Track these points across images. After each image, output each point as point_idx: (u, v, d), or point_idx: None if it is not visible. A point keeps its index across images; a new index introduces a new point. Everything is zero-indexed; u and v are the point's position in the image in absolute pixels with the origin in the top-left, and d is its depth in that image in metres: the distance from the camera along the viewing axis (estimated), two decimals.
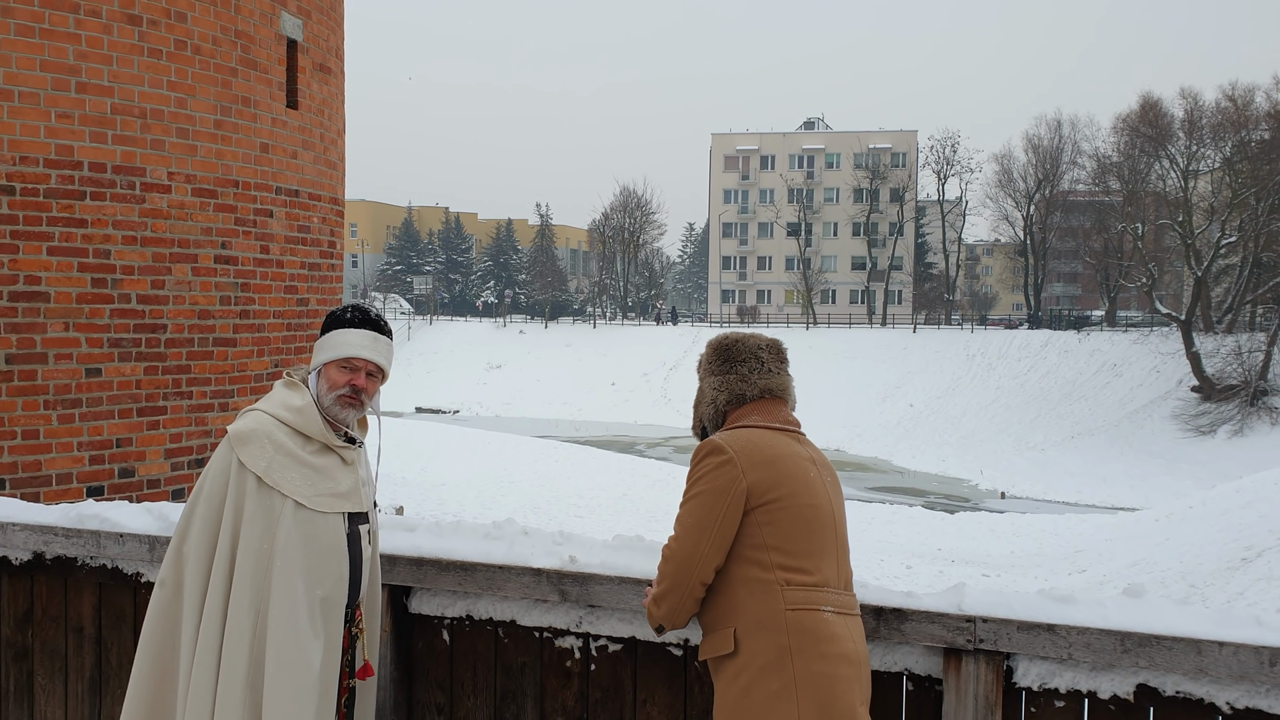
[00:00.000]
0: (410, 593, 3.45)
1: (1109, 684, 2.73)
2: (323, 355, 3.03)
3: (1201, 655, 2.59)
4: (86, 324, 7.77)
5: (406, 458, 27.65)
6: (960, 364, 59.50)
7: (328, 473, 2.93)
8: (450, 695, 3.46)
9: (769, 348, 2.86)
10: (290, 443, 2.88)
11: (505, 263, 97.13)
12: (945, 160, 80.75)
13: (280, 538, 2.83)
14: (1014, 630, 2.75)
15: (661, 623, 2.75)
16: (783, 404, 2.83)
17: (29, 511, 3.89)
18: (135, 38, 7.94)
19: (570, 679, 3.31)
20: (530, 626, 3.33)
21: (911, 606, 2.85)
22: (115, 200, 7.89)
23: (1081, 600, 2.75)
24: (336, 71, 10.57)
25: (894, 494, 36.78)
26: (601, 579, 3.14)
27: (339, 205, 10.69)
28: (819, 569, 2.61)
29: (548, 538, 3.34)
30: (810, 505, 2.64)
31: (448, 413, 56.11)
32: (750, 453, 2.63)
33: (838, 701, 2.52)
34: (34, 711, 3.96)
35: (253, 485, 2.84)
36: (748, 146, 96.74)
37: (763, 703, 2.53)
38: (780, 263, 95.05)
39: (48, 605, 3.92)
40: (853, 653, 2.59)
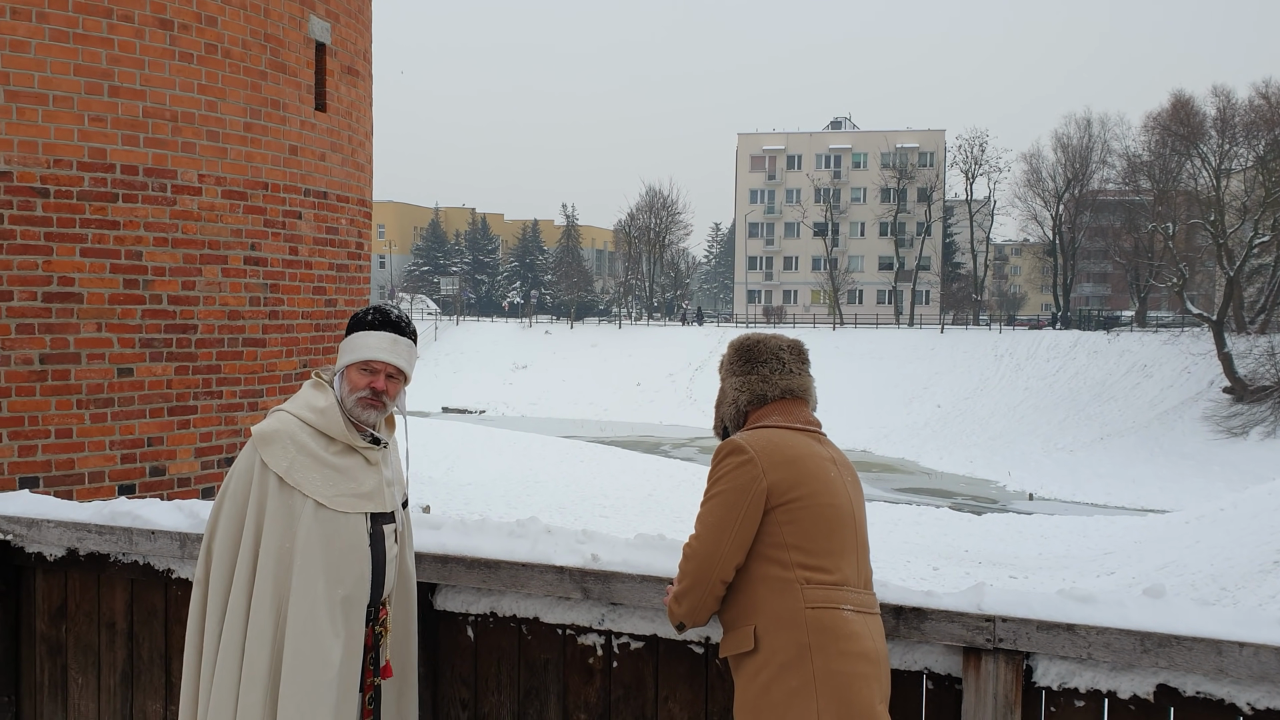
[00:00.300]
0: (435, 590, 3.49)
1: (1129, 684, 2.73)
2: (345, 358, 3.06)
3: (1222, 656, 2.59)
4: (118, 324, 7.88)
5: (433, 457, 27.78)
6: (988, 364, 59.13)
7: (350, 473, 2.96)
8: (474, 691, 3.50)
9: (790, 348, 2.89)
10: (312, 443, 2.93)
11: (531, 263, 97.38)
12: (973, 160, 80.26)
13: (301, 537, 2.87)
14: (1033, 630, 2.76)
15: (683, 620, 2.78)
16: (804, 404, 2.86)
17: (63, 509, 3.97)
18: (167, 42, 8.05)
19: (593, 676, 3.34)
20: (553, 624, 3.37)
21: (931, 606, 2.87)
22: (147, 202, 8.00)
23: (1101, 600, 2.76)
24: (364, 74, 10.66)
25: (921, 495, 36.61)
26: (623, 577, 3.18)
27: (366, 207, 10.79)
28: (839, 568, 2.63)
29: (571, 536, 3.38)
30: (830, 505, 2.66)
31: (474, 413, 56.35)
32: (771, 452, 2.66)
33: (857, 699, 2.54)
34: (67, 705, 4.03)
35: (274, 485, 2.89)
36: (774, 146, 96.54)
37: (782, 700, 2.56)
38: (807, 263, 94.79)
39: (81, 601, 3.99)
40: (872, 651, 2.61)
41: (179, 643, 3.77)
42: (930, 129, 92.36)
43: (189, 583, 3.76)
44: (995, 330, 66.06)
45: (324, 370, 3.11)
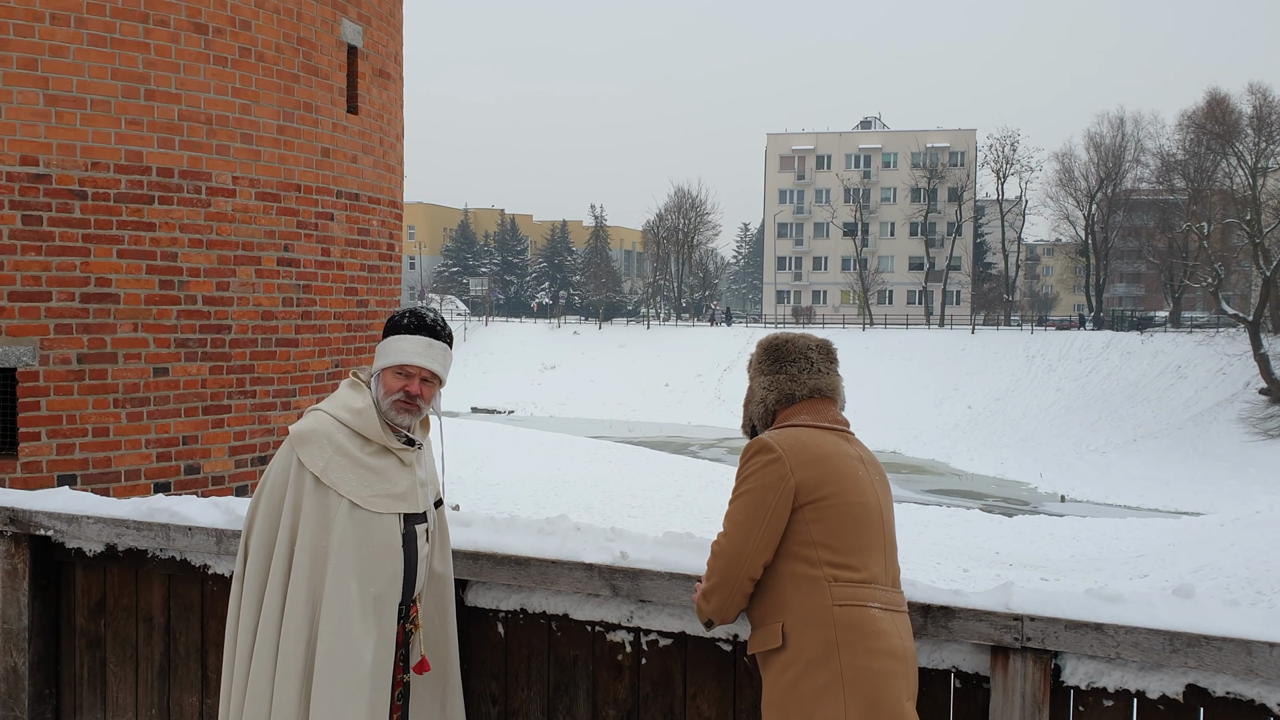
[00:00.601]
0: (466, 586, 3.53)
1: (1158, 684, 2.73)
2: (380, 361, 3.09)
3: (1252, 656, 2.58)
4: (154, 325, 8.00)
5: (462, 457, 27.92)
6: (1020, 365, 58.67)
7: (384, 474, 2.99)
8: (505, 686, 3.54)
9: (819, 348, 2.90)
10: (349, 444, 2.96)
11: (560, 264, 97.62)
12: (1004, 159, 79.66)
13: (335, 536, 2.91)
14: (1061, 629, 2.76)
15: (711, 617, 2.80)
16: (832, 404, 2.87)
17: (102, 505, 4.04)
18: (201, 46, 8.16)
19: (621, 672, 3.37)
20: (582, 620, 3.39)
21: (959, 605, 2.87)
22: (182, 204, 8.11)
23: (1130, 600, 2.76)
24: (395, 77, 10.75)
25: (951, 496, 36.40)
26: (652, 574, 3.20)
27: (398, 208, 10.88)
28: (866, 566, 2.65)
29: (600, 534, 3.41)
30: (858, 503, 2.68)
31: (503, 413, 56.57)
32: (798, 451, 2.68)
33: (884, 696, 2.55)
34: (106, 697, 4.11)
35: (310, 484, 2.93)
36: (803, 146, 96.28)
37: (809, 696, 2.57)
38: (836, 263, 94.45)
39: (119, 595, 4.07)
40: (899, 649, 2.62)
41: (215, 637, 3.83)
42: (961, 128, 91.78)
43: (225, 578, 3.83)
44: (1027, 331, 65.53)
45: (361, 370, 3.14)
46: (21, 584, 4.07)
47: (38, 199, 7.44)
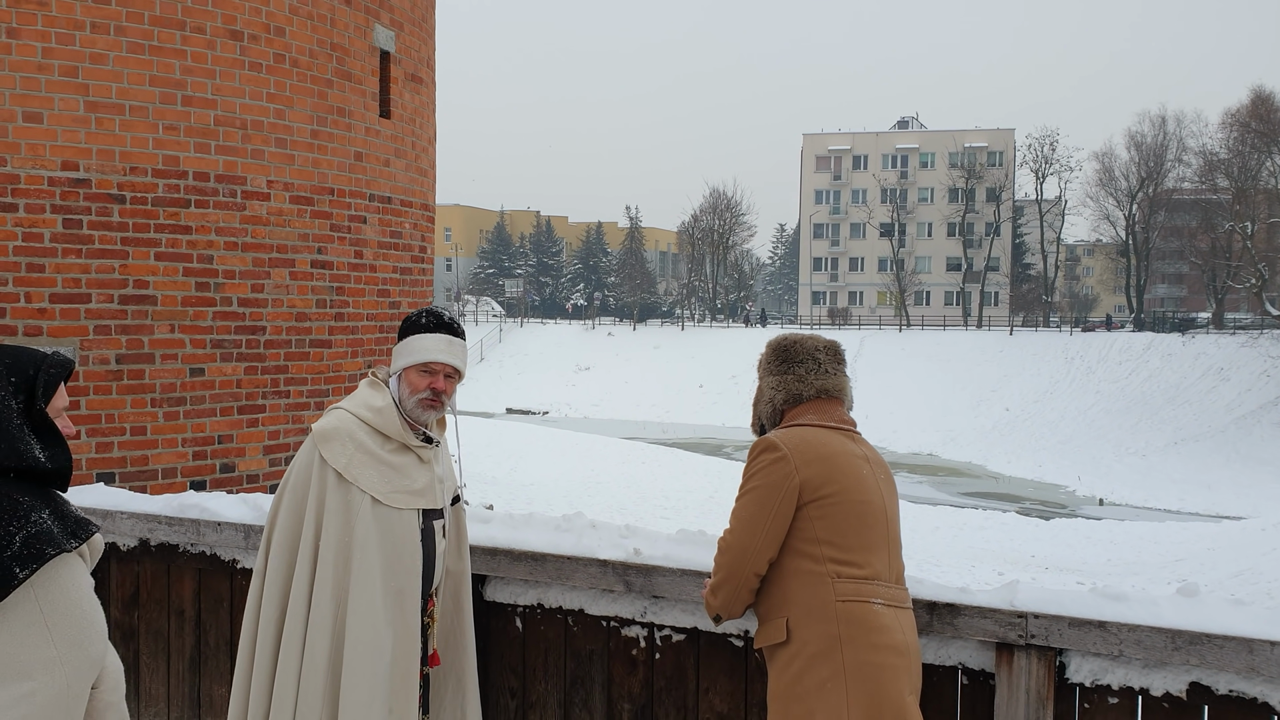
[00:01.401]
0: (485, 581, 3.61)
1: (1161, 681, 2.75)
2: (402, 360, 3.16)
3: (1253, 654, 2.60)
4: (191, 326, 8.17)
5: (496, 457, 28.08)
6: (1058, 367, 58.11)
7: (404, 470, 3.08)
8: (523, 680, 3.61)
9: (826, 349, 2.95)
10: (370, 441, 3.05)
11: (595, 265, 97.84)
12: (1043, 159, 78.89)
13: (359, 531, 2.99)
14: (1065, 626, 2.79)
15: (719, 612, 2.86)
16: (838, 404, 2.92)
17: (135, 501, 4.17)
18: (237, 52, 8.32)
19: (636, 667, 3.43)
20: (598, 615, 3.47)
21: (965, 602, 2.92)
22: (218, 208, 8.27)
23: (1134, 598, 2.79)
24: (427, 81, 10.88)
25: (988, 499, 36.10)
26: (664, 571, 3.26)
27: (430, 211, 11.00)
28: (870, 562, 2.70)
29: (614, 531, 3.48)
30: (862, 501, 2.72)
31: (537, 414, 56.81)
32: (804, 450, 2.73)
33: (886, 690, 2.60)
34: (139, 688, 4.23)
35: (334, 480, 3.01)
36: (840, 146, 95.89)
37: (813, 689, 2.63)
38: (873, 264, 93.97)
39: (152, 589, 4.19)
40: (902, 644, 2.66)
41: None
42: (999, 128, 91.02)
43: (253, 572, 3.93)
44: (1065, 332, 64.87)
45: (379, 370, 3.22)
46: None
47: (78, 203, 7.62)
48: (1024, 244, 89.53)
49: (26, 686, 1.98)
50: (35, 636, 2.02)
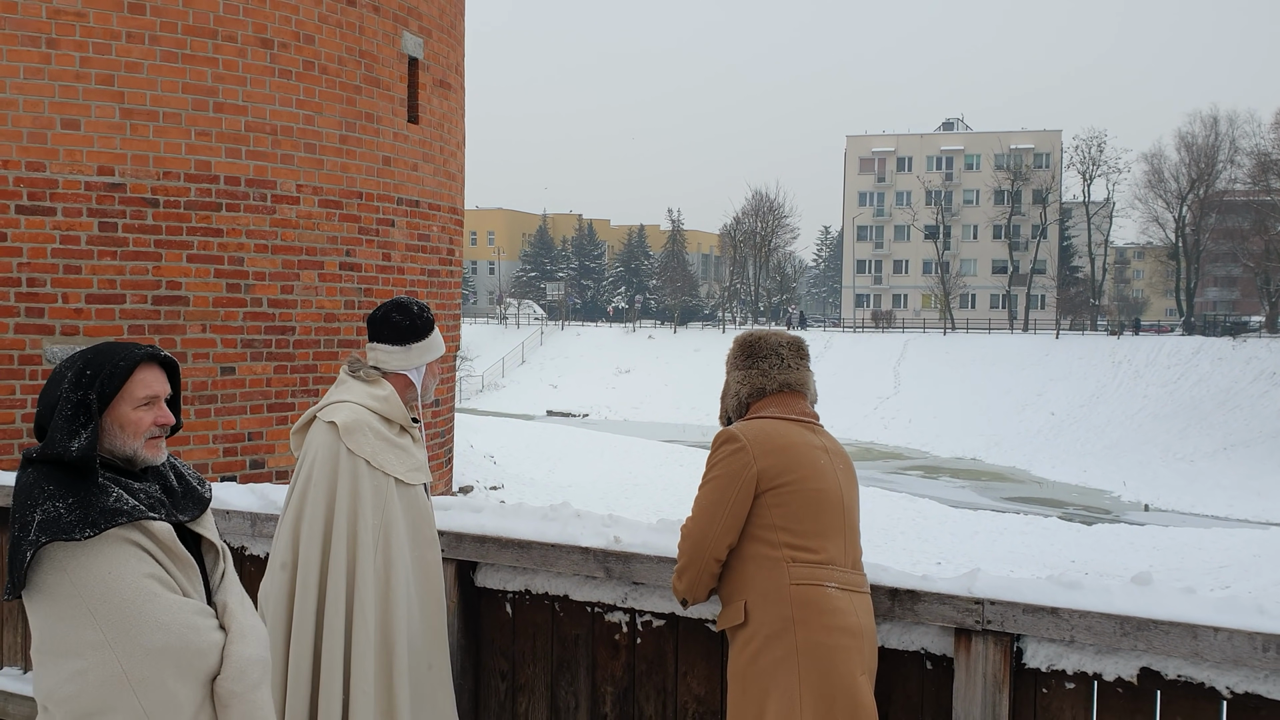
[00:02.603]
0: (476, 568, 3.76)
1: (1113, 666, 2.83)
2: (430, 355, 3.42)
3: (1197, 640, 2.67)
4: (222, 326, 8.42)
5: (535, 459, 28.30)
6: (1105, 371, 57.37)
7: (409, 450, 3.34)
8: (513, 663, 3.75)
9: (789, 345, 3.07)
10: (383, 428, 3.28)
11: (636, 268, 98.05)
12: (1091, 160, 77.88)
13: (391, 512, 3.23)
14: (1019, 612, 2.88)
15: (684, 596, 2.98)
16: (801, 397, 3.03)
17: None
18: (267, 60, 8.56)
19: (619, 651, 3.56)
20: (582, 601, 3.59)
21: (924, 589, 3.01)
22: (248, 211, 8.52)
23: (1087, 586, 2.86)
24: (456, 87, 11.09)
25: (1030, 504, 35.76)
26: (642, 558, 3.38)
27: (458, 215, 11.21)
28: (824, 548, 2.80)
29: (598, 520, 3.60)
30: (818, 490, 2.83)
31: (577, 416, 57.07)
32: (762, 441, 2.85)
33: (837, 669, 2.71)
34: None
35: (364, 470, 3.21)
36: (884, 148, 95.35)
37: (768, 668, 2.74)
38: (917, 266, 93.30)
39: None
40: (855, 626, 2.77)
41: None
42: (1046, 129, 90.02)
43: (260, 559, 4.09)
44: (1113, 336, 64.00)
45: (353, 364, 3.40)
46: None
47: (113, 207, 7.89)
48: (1071, 247, 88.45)
49: (79, 664, 2.11)
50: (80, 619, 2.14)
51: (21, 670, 4.66)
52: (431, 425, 10.45)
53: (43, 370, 7.80)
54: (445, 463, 11.06)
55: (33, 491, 2.17)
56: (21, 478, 2.21)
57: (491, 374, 65.64)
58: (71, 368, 2.25)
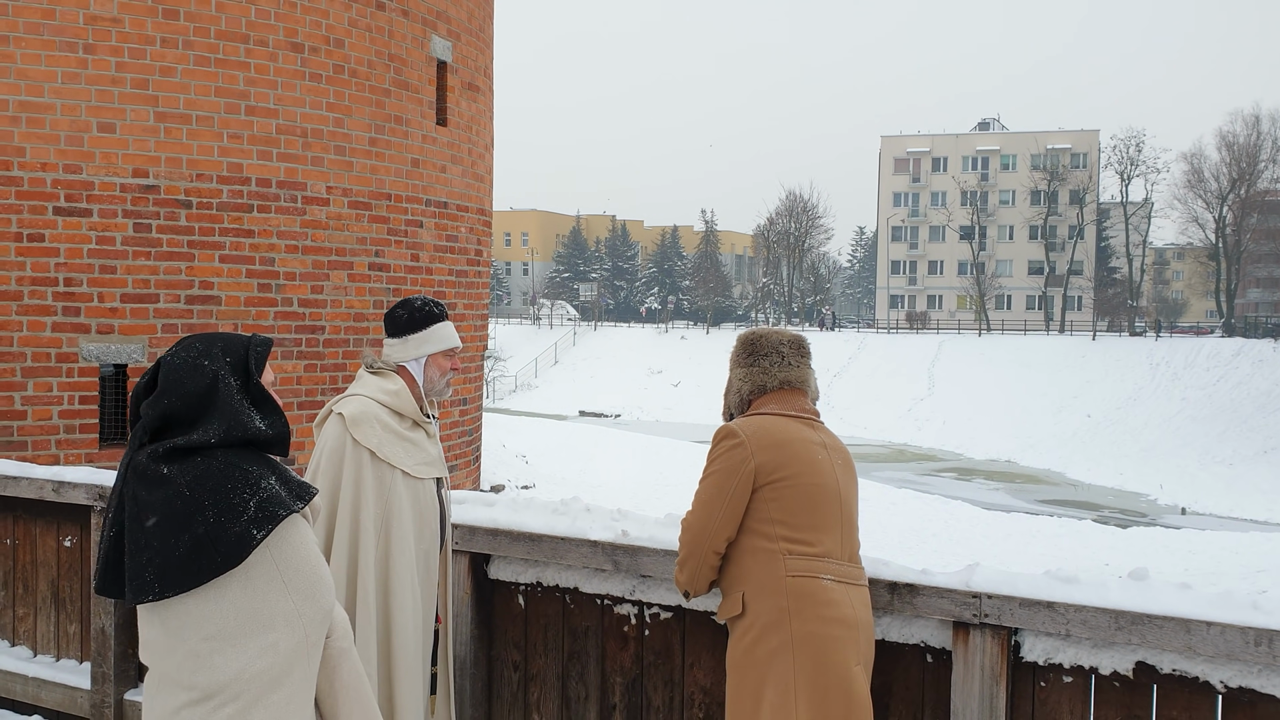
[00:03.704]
0: (489, 560, 3.85)
1: (1109, 660, 2.86)
2: (429, 347, 3.48)
3: (1190, 634, 2.70)
4: (253, 325, 8.57)
5: (567, 458, 28.42)
6: (1143, 373, 56.73)
7: (420, 444, 3.42)
8: (524, 654, 3.84)
9: (790, 343, 3.13)
10: (392, 421, 3.37)
11: (669, 269, 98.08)
12: (1129, 160, 77.00)
13: (394, 503, 3.32)
14: (1016, 606, 2.92)
15: (686, 588, 3.05)
16: (801, 394, 3.09)
17: None
18: (298, 64, 8.71)
19: (627, 643, 3.63)
20: (592, 594, 3.67)
21: (923, 583, 3.05)
22: (279, 212, 8.67)
23: (1084, 581, 2.90)
24: (484, 89, 11.21)
25: (1065, 507, 35.45)
26: (650, 551, 3.45)
27: (486, 216, 11.33)
28: (820, 541, 2.86)
29: (607, 514, 3.68)
30: (815, 484, 2.89)
31: (609, 416, 57.19)
32: (760, 436, 2.91)
33: (831, 659, 2.77)
34: None
35: (368, 460, 3.30)
36: (919, 149, 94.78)
37: (764, 658, 2.81)
38: (952, 267, 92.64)
39: None
40: (850, 617, 2.82)
41: None
42: (1083, 129, 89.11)
43: None
44: (1150, 338, 63.26)
45: (368, 357, 3.50)
46: None
47: (147, 208, 8.07)
48: (1109, 247, 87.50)
49: (271, 638, 2.14)
50: (274, 592, 2.18)
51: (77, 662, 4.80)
52: (458, 424, 10.57)
53: (79, 368, 7.99)
54: (473, 460, 11.17)
55: (233, 473, 2.16)
56: (204, 465, 2.16)
57: (524, 374, 65.92)
58: (211, 356, 2.24)
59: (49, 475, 4.69)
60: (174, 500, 2.09)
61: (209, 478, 2.14)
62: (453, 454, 10.46)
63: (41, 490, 4.66)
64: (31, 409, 7.82)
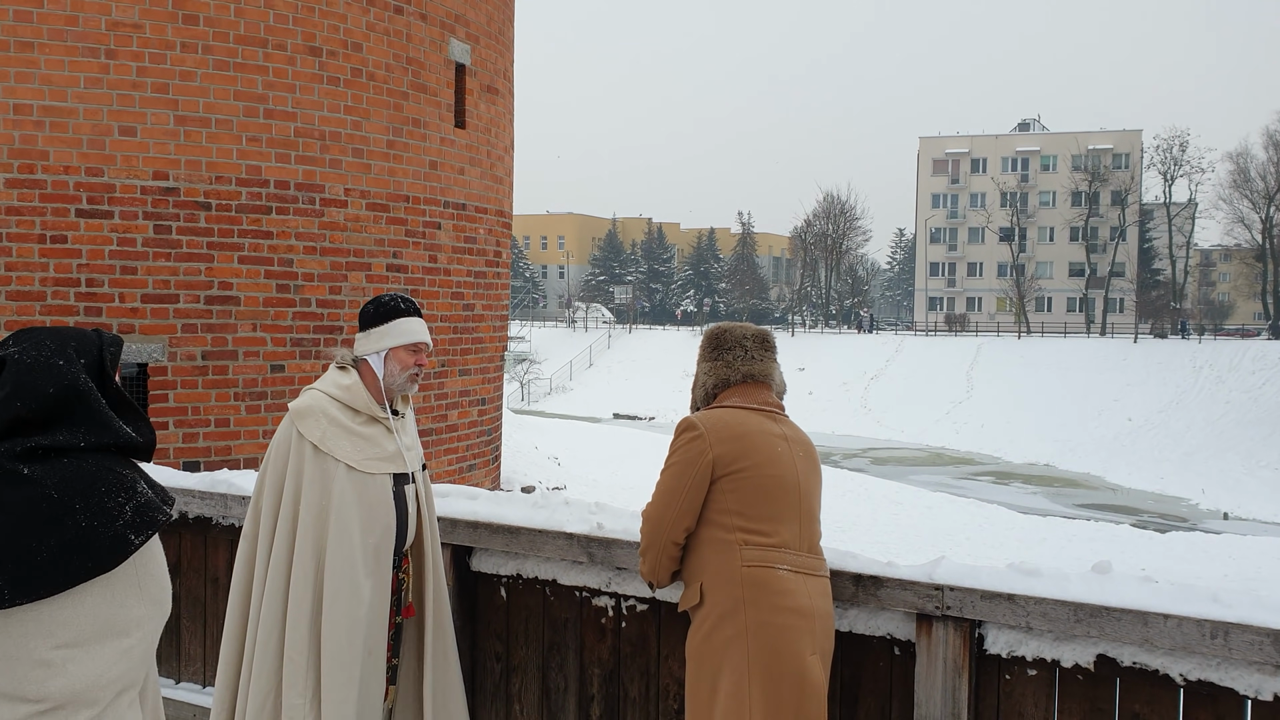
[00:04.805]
0: (471, 553, 3.89)
1: (1071, 653, 2.85)
2: (389, 340, 3.50)
3: (1148, 626, 2.69)
4: (272, 325, 8.70)
5: (599, 460, 28.49)
6: (1185, 376, 55.88)
7: (374, 440, 3.43)
8: (507, 645, 3.88)
9: (754, 337, 3.16)
10: (341, 415, 3.40)
11: (706, 271, 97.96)
12: (1173, 160, 75.89)
13: (336, 495, 3.34)
14: (977, 599, 2.92)
15: (648, 578, 3.08)
16: (765, 388, 3.11)
17: (174, 477, 4.58)
18: (316, 67, 8.84)
19: (605, 634, 3.66)
20: (570, 586, 3.71)
21: (887, 575, 3.06)
22: (297, 214, 8.80)
23: (1046, 574, 2.89)
24: (504, 92, 11.29)
25: (1103, 511, 35.00)
26: (624, 544, 3.48)
27: (505, 217, 11.40)
28: (777, 531, 2.88)
29: (584, 507, 3.71)
30: (773, 475, 2.91)
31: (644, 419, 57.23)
32: (719, 429, 2.94)
33: (785, 649, 2.78)
34: (180, 649, 4.64)
35: (310, 452, 3.36)
36: (958, 149, 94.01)
37: (720, 647, 2.83)
38: (992, 269, 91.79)
39: (191, 558, 4.59)
40: (806, 607, 2.84)
41: None
42: (1125, 129, 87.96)
43: None
44: (1194, 340, 62.27)
45: (337, 353, 3.55)
46: None
47: (167, 210, 8.22)
48: (1152, 249, 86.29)
49: (126, 643, 2.11)
50: (131, 598, 2.18)
51: None
52: (477, 423, 10.66)
53: None
54: (492, 460, 11.26)
55: (107, 476, 2.11)
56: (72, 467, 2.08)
57: (559, 377, 66.13)
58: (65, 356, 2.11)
59: None
60: (38, 502, 2.00)
61: (79, 480, 2.05)
62: (472, 453, 10.55)
63: None
64: None
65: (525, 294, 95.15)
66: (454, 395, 10.10)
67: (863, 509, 27.45)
